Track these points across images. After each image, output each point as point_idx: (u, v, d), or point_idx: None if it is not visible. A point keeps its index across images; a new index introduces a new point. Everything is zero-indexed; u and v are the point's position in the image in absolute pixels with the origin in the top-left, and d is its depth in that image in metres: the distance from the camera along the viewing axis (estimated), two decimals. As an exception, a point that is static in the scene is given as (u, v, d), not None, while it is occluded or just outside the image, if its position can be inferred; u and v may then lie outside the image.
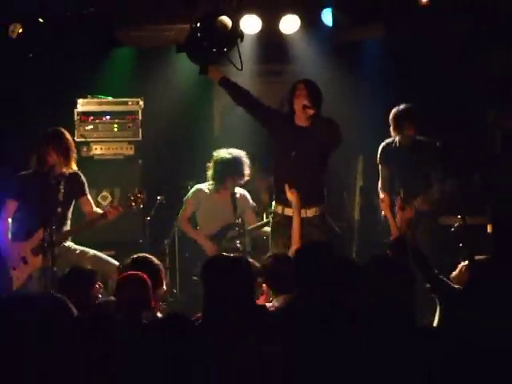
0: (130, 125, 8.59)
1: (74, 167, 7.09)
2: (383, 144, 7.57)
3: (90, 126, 8.54)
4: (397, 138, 7.48)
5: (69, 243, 7.08)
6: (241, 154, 7.89)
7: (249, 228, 7.91)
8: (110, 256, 7.25)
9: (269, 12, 8.33)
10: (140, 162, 8.57)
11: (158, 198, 8.25)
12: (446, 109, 8.70)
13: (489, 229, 7.43)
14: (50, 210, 6.61)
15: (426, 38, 8.41)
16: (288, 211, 6.64)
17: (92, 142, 8.52)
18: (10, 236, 7.00)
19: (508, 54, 8.39)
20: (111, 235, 7.85)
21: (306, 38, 8.55)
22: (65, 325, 3.72)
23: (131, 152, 8.58)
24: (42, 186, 6.74)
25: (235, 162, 7.84)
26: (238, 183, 7.97)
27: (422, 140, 7.48)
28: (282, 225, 6.71)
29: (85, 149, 8.42)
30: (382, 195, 7.52)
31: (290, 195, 6.53)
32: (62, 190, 6.86)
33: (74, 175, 7.11)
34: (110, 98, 8.68)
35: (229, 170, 7.86)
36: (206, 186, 8.02)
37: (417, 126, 7.42)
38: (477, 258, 5.49)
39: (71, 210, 7.12)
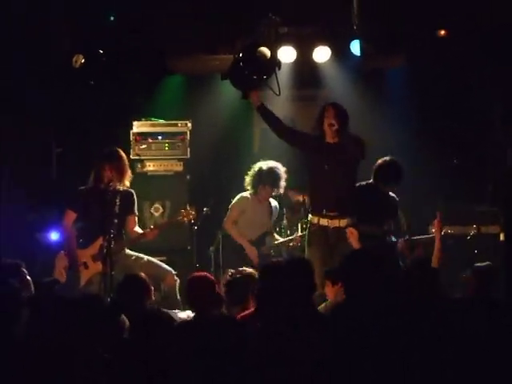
0: (180, 144, 9.07)
1: (127, 184, 7.49)
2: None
3: (144, 146, 9.06)
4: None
5: (126, 250, 7.45)
6: (277, 165, 8.18)
7: (276, 242, 8.30)
8: (161, 261, 7.67)
9: (303, 43, 8.83)
10: (188, 177, 9.03)
11: (204, 209, 8.53)
12: (463, 130, 9.10)
13: (501, 237, 8.00)
14: (108, 221, 7.10)
15: (443, 67, 8.81)
16: (323, 221, 6.98)
17: (146, 159, 9.03)
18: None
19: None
20: (163, 243, 8.20)
21: (336, 66, 8.97)
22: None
23: (180, 168, 9.06)
24: (100, 199, 7.16)
25: (269, 172, 8.14)
26: (270, 192, 8.25)
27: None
28: (318, 234, 6.99)
29: (139, 165, 8.94)
30: None
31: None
32: (118, 204, 7.34)
33: (127, 193, 7.48)
34: (161, 121, 9.21)
35: (262, 179, 8.16)
36: (248, 194, 8.32)
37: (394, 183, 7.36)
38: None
39: (125, 222, 7.49)
